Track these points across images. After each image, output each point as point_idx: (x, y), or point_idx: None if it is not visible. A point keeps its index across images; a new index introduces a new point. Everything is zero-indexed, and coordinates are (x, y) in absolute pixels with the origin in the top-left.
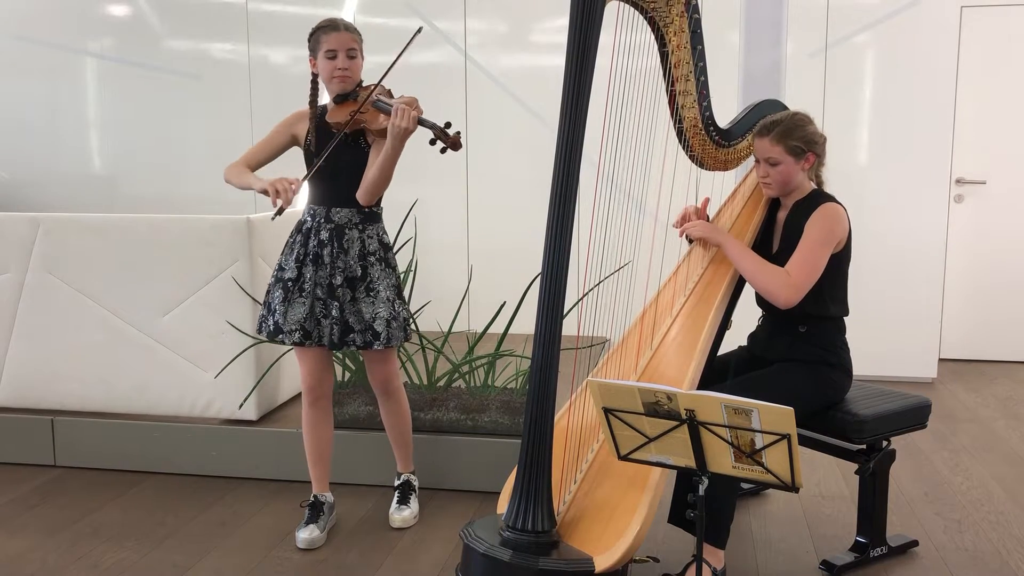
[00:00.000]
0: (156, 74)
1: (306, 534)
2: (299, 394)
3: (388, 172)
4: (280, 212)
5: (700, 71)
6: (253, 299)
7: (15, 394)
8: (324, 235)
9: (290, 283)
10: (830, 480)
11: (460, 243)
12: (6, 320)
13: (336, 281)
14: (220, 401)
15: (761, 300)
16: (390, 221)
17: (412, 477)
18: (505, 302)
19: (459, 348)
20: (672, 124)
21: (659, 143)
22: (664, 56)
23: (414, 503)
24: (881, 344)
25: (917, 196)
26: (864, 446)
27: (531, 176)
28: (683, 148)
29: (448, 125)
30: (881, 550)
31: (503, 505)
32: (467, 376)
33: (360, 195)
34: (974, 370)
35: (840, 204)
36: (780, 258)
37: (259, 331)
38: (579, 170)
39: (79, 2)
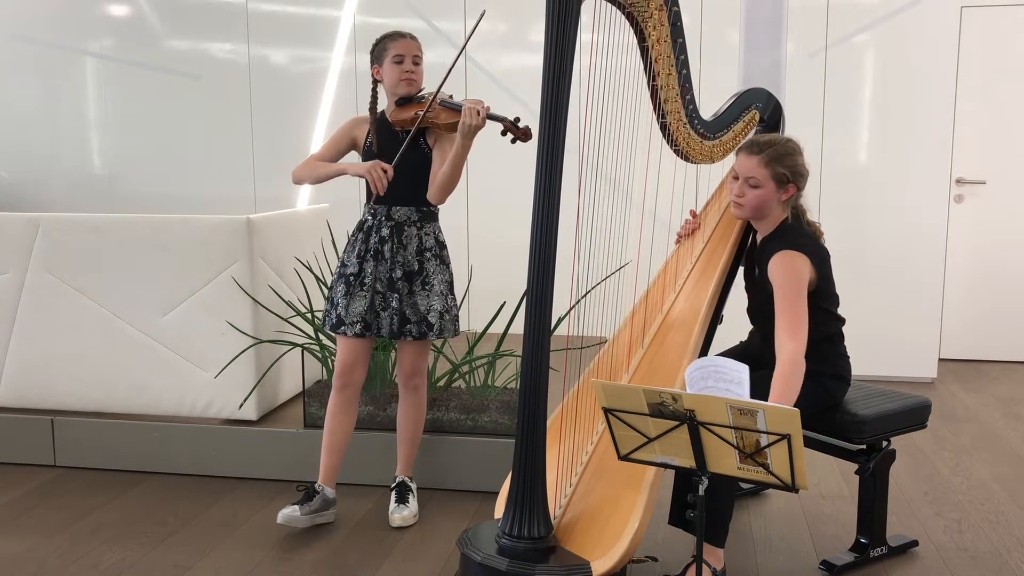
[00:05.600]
0: (156, 74)
1: (287, 510)
2: (299, 394)
3: (458, 170)
4: (378, 199)
5: (682, 64)
6: (253, 299)
7: (15, 394)
8: (385, 232)
9: (352, 278)
10: (830, 480)
11: (460, 243)
12: (6, 320)
13: (396, 275)
14: (220, 401)
15: (754, 317)
16: None
17: (409, 480)
18: (505, 302)
19: (459, 348)
20: (655, 119)
21: (644, 140)
22: (644, 51)
23: (413, 502)
24: (881, 344)
25: (917, 196)
26: (864, 446)
27: (531, 176)
28: (667, 143)
29: (517, 120)
30: (881, 550)
31: (501, 508)
32: (467, 376)
33: (432, 194)
34: (974, 370)
35: (804, 245)
36: (763, 279)
37: (323, 324)
38: (562, 169)
39: (79, 2)
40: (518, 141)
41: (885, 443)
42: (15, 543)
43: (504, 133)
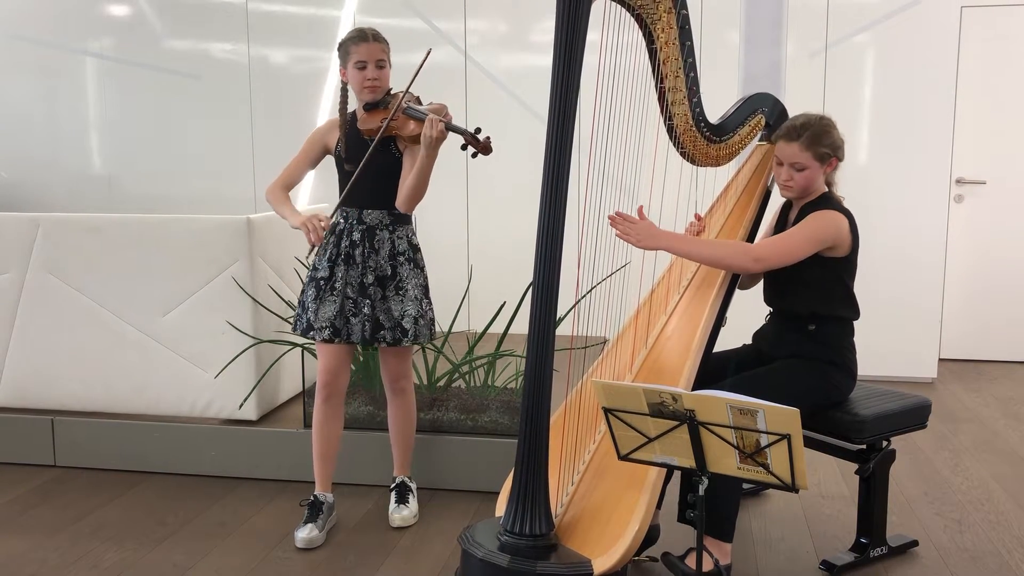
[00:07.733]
0: (156, 74)
1: (304, 533)
2: (299, 394)
3: (425, 180)
4: (313, 250)
5: (689, 67)
6: (253, 299)
7: (15, 394)
8: (356, 236)
9: (322, 282)
10: (830, 480)
11: (460, 243)
12: (6, 320)
13: (368, 280)
14: (220, 401)
15: (769, 298)
16: None
17: (409, 480)
18: (505, 302)
19: (459, 348)
20: (662, 121)
21: (651, 141)
22: (652, 53)
23: (413, 502)
24: (881, 344)
25: (917, 196)
26: (864, 446)
27: (531, 176)
28: (674, 145)
29: (478, 131)
30: (881, 550)
31: (502, 507)
32: (467, 376)
33: (400, 203)
34: (974, 370)
35: (845, 212)
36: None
37: (294, 328)
38: (569, 168)
39: (79, 2)
40: (479, 155)
41: (885, 443)
42: (15, 543)
43: (464, 147)
